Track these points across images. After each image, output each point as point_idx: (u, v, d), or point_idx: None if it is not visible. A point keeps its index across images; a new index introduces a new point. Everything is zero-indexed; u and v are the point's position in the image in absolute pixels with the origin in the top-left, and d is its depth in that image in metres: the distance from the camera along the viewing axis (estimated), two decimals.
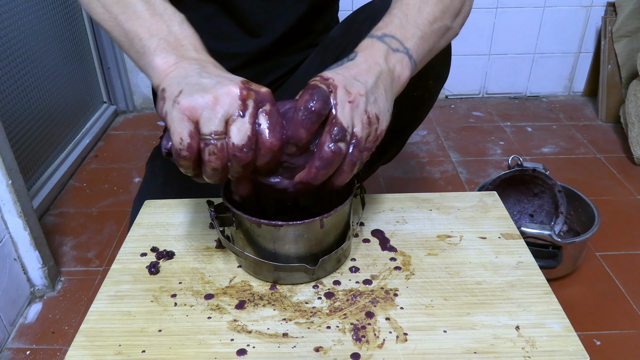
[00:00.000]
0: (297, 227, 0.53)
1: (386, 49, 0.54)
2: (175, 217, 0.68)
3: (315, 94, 0.47)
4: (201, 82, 0.47)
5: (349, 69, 0.52)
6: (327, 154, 0.48)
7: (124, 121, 1.90)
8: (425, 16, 0.57)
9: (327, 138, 0.48)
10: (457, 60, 1.87)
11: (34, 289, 1.10)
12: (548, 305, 0.53)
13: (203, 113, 0.45)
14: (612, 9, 1.79)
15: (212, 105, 0.45)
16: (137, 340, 0.50)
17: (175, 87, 0.48)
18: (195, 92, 0.46)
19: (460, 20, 0.62)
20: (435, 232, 0.64)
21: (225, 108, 0.45)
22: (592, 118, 1.85)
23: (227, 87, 0.46)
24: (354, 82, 0.50)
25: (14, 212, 1.00)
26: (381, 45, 0.54)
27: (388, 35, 0.55)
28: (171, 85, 0.48)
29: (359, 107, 0.49)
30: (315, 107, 0.47)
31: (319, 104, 0.47)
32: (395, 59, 0.54)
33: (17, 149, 1.30)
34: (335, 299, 0.54)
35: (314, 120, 0.47)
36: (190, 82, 0.48)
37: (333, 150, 0.48)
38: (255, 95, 0.47)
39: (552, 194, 1.16)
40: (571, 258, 1.08)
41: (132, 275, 0.58)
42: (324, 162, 0.48)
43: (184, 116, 0.45)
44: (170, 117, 0.46)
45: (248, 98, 0.46)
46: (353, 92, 0.49)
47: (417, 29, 0.57)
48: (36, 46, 1.43)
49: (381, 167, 1.12)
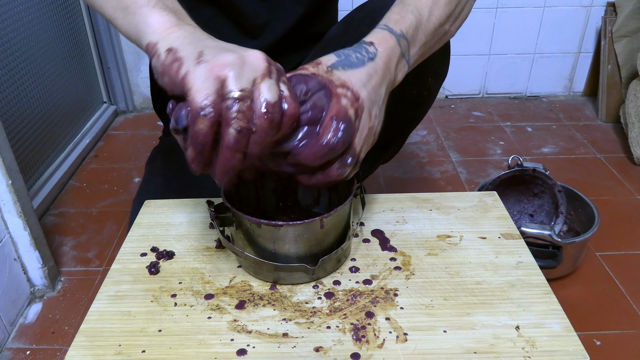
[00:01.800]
0: (297, 227, 0.53)
1: (399, 55, 0.54)
2: (175, 217, 0.68)
3: (343, 129, 0.47)
4: (221, 45, 0.45)
5: (370, 77, 0.51)
6: (333, 175, 0.49)
7: (124, 121, 1.90)
8: (433, 20, 0.57)
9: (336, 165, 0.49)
10: (457, 60, 1.88)
11: (34, 289, 1.10)
12: (548, 305, 0.53)
13: (231, 72, 0.43)
14: (612, 9, 1.79)
15: (241, 64, 0.43)
16: (137, 340, 0.50)
17: (191, 48, 0.45)
18: (220, 51, 0.44)
19: (457, 24, 0.62)
20: (435, 232, 0.64)
21: (253, 68, 0.43)
22: (592, 118, 1.85)
23: (251, 51, 0.45)
24: (375, 100, 0.51)
25: (14, 212, 1.00)
26: (397, 49, 0.54)
27: (404, 36, 0.55)
28: (185, 45, 0.45)
29: (371, 134, 0.51)
30: (339, 142, 0.47)
31: (342, 140, 0.47)
32: (401, 66, 0.55)
33: (17, 149, 1.30)
34: (335, 299, 0.54)
35: (332, 155, 0.48)
36: (208, 45, 0.45)
37: (339, 174, 0.49)
38: (275, 66, 0.46)
39: (552, 194, 1.16)
40: (571, 258, 1.08)
41: (132, 275, 0.58)
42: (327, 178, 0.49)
43: (211, 74, 0.42)
44: (194, 75, 0.43)
45: (271, 65, 0.45)
46: (372, 115, 0.50)
47: (425, 35, 0.57)
48: (36, 46, 1.42)
49: (381, 167, 1.12)
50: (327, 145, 0.47)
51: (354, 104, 0.48)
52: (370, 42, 0.53)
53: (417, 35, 0.56)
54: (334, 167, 0.49)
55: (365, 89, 0.50)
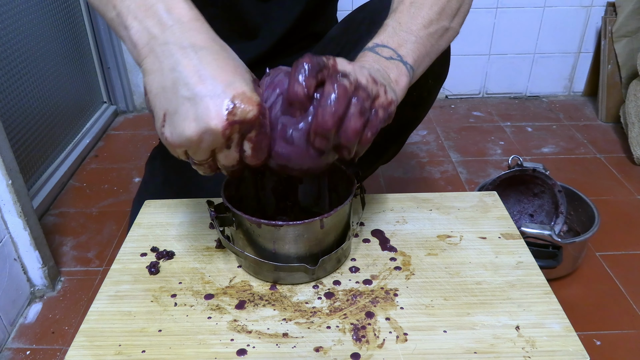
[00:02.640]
0: (297, 227, 0.53)
1: (377, 58, 0.53)
2: (175, 217, 0.68)
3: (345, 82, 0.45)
4: (180, 106, 0.44)
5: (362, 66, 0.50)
6: (330, 90, 0.45)
7: (124, 121, 1.90)
8: (419, 21, 0.57)
9: (329, 80, 0.46)
10: (457, 60, 1.88)
11: (34, 289, 1.10)
12: (548, 305, 0.53)
13: (189, 149, 0.46)
14: (612, 9, 1.79)
15: (197, 143, 0.45)
16: (137, 340, 0.50)
17: (158, 106, 0.46)
18: (178, 123, 0.44)
19: (459, 20, 0.62)
20: (435, 232, 0.64)
21: (210, 140, 0.45)
22: (592, 118, 1.85)
23: (208, 121, 0.43)
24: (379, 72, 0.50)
25: (14, 212, 1.00)
26: (372, 55, 0.53)
27: (380, 45, 0.54)
28: (152, 95, 0.46)
29: (363, 70, 0.48)
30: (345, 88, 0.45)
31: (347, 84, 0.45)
32: (389, 64, 0.53)
33: (17, 149, 1.30)
34: (335, 299, 0.54)
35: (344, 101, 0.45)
36: (170, 102, 0.45)
37: (338, 85, 0.45)
38: (240, 127, 0.44)
39: (552, 194, 1.16)
40: (571, 258, 1.08)
41: (132, 275, 0.58)
42: (329, 99, 0.45)
43: (173, 150, 0.47)
44: (163, 139, 0.47)
45: (232, 133, 0.44)
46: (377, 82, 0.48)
47: (411, 34, 0.56)
48: (36, 46, 1.42)
49: (381, 167, 1.12)
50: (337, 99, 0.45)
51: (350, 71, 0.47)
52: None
53: (400, 37, 0.55)
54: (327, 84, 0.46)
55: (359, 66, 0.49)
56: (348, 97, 0.46)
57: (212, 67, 0.44)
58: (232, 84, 0.44)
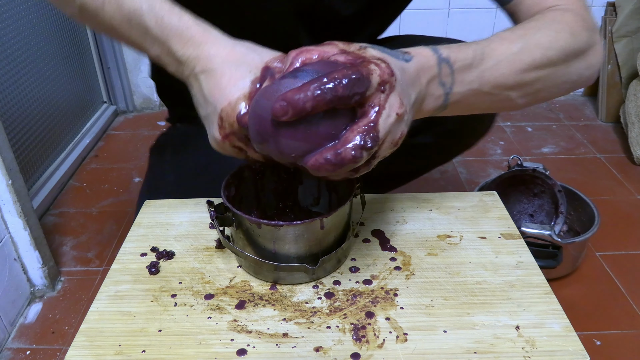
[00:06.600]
0: (297, 227, 0.53)
1: (435, 75, 0.49)
2: (175, 217, 0.68)
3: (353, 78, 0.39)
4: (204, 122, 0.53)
5: (403, 70, 0.45)
6: (347, 154, 0.41)
7: (124, 121, 1.90)
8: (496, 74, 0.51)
9: (357, 138, 0.41)
10: None
11: (34, 289, 1.10)
12: (548, 305, 0.53)
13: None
14: (612, 9, 1.79)
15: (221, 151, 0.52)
16: (137, 340, 0.50)
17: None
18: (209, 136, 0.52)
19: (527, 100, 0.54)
20: (435, 232, 0.64)
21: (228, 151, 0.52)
22: (592, 118, 1.85)
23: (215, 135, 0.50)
24: (406, 91, 0.44)
25: (14, 212, 1.00)
26: (434, 68, 0.49)
27: (447, 61, 0.49)
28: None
29: (400, 126, 0.44)
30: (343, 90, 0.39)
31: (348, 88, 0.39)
32: (434, 88, 0.49)
33: (17, 149, 1.30)
34: (335, 299, 0.54)
35: (328, 99, 0.40)
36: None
37: (354, 155, 0.41)
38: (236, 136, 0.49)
39: (552, 194, 1.16)
40: (571, 258, 1.08)
41: (132, 275, 0.58)
42: (338, 160, 0.42)
43: None
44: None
45: (232, 142, 0.50)
46: (404, 105, 0.43)
47: (479, 81, 0.50)
48: (36, 46, 1.43)
49: None
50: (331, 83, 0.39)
51: (382, 71, 0.42)
52: (406, 51, 0.48)
53: (466, 73, 0.50)
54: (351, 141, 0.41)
55: (400, 72, 0.44)
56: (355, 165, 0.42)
57: (210, 87, 0.49)
58: (219, 101, 0.48)
